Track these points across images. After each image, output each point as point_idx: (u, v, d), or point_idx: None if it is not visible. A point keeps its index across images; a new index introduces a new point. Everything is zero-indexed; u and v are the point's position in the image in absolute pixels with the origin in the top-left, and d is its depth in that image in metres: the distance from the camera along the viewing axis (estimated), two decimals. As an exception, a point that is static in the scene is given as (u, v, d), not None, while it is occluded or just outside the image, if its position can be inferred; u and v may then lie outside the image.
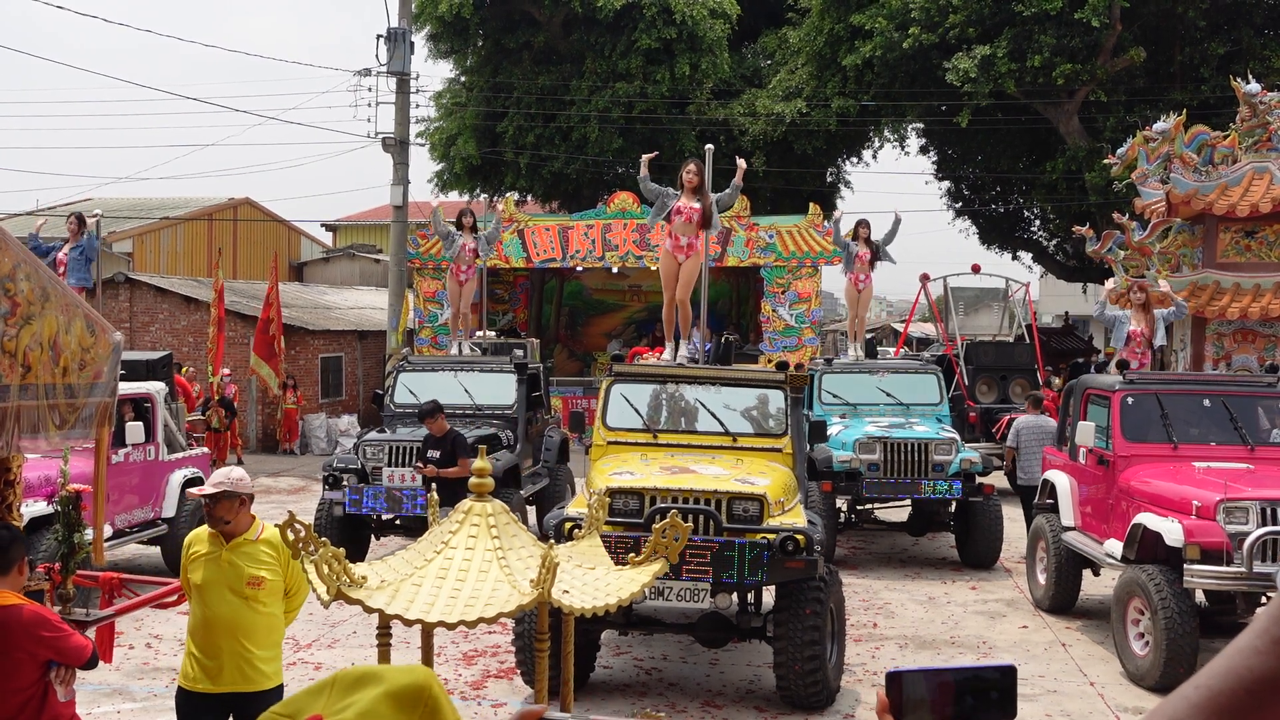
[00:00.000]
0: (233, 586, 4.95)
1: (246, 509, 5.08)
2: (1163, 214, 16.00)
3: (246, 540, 5.04)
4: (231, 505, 4.99)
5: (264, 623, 5.01)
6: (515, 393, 13.14)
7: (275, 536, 5.05)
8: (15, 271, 4.61)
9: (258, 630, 4.99)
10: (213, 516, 5.00)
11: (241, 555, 5.00)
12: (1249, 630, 1.02)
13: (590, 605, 3.37)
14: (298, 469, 20.44)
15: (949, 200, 31.33)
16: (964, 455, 12.47)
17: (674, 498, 7.46)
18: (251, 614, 4.96)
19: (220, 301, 20.40)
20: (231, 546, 5.01)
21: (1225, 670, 1.01)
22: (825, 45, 25.33)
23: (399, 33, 23.08)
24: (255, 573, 4.98)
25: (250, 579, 4.96)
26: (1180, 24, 23.32)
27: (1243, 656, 1.01)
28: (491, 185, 28.25)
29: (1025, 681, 8.50)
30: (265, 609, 5.01)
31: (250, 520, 5.09)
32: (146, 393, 11.41)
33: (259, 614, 4.98)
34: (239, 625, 4.95)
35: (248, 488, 5.07)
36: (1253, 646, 1.01)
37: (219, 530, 5.03)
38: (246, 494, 5.06)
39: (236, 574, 4.96)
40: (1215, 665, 1.02)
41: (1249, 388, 10.04)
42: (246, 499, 5.06)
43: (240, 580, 4.95)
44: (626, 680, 8.38)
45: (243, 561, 4.99)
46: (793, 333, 22.68)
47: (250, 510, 5.12)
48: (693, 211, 9.90)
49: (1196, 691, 1.01)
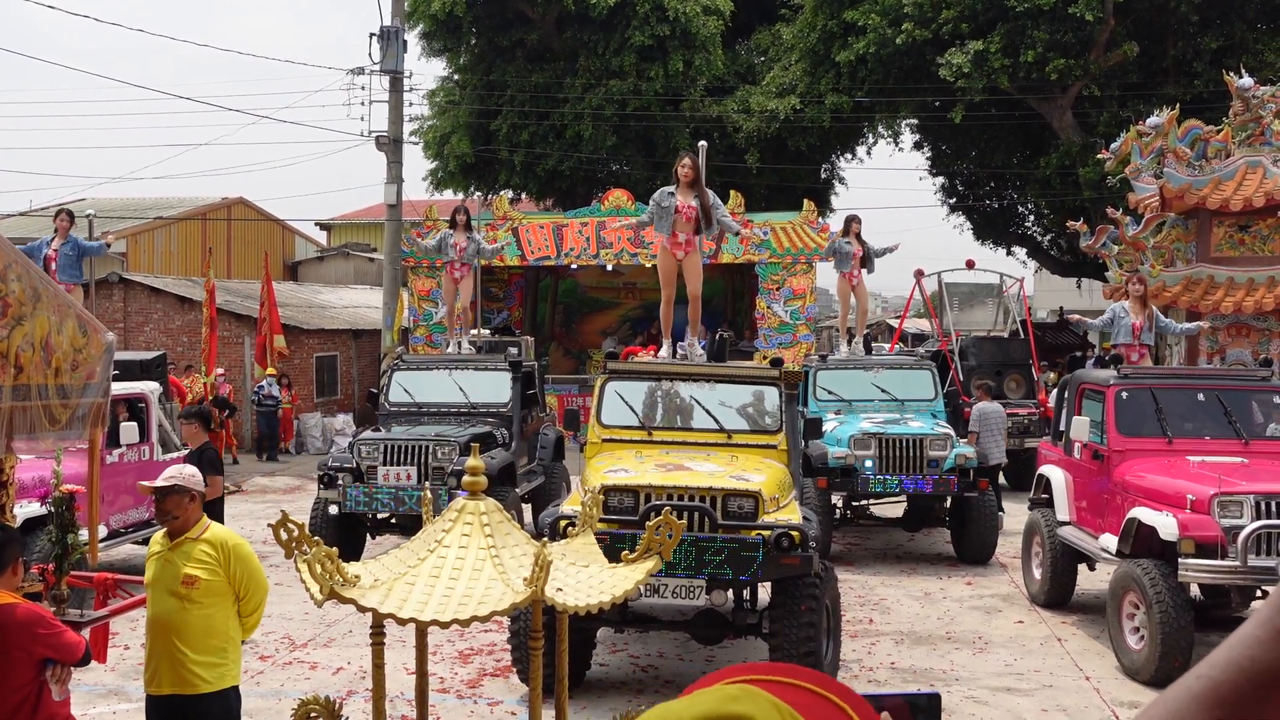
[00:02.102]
0: (169, 586, 4.91)
1: (196, 506, 5.02)
2: (1156, 209, 16.01)
3: (188, 539, 4.98)
4: (180, 501, 4.95)
5: (198, 624, 4.90)
6: (510, 391, 13.14)
7: (221, 538, 5.03)
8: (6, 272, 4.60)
9: (191, 631, 4.89)
10: (161, 510, 4.98)
11: (180, 554, 4.95)
12: (1251, 620, 1.01)
13: (584, 603, 3.37)
14: (292, 468, 20.42)
15: (943, 196, 31.35)
16: (959, 451, 12.48)
17: (669, 495, 7.46)
18: (184, 614, 4.88)
19: (212, 301, 20.36)
20: (174, 545, 4.98)
21: (1227, 661, 1.00)
22: (819, 41, 25.33)
23: (392, 31, 23.04)
24: (189, 571, 4.89)
25: (184, 578, 4.88)
26: (1173, 18, 23.33)
27: (1244, 647, 0.99)
28: (485, 183, 28.22)
29: (1021, 676, 8.52)
30: (200, 610, 4.90)
31: (198, 519, 5.03)
32: (140, 393, 11.40)
33: (192, 614, 4.89)
34: (171, 625, 4.89)
35: (198, 485, 5.04)
36: (1255, 637, 0.99)
37: (167, 526, 5.01)
38: (196, 490, 5.01)
39: (173, 573, 4.91)
40: (1216, 656, 1.01)
41: (1243, 382, 10.06)
42: (196, 496, 5.01)
43: (176, 579, 4.90)
44: (622, 678, 8.38)
45: (180, 560, 4.93)
46: (788, 329, 22.69)
47: (200, 509, 5.07)
48: (690, 210, 9.88)
49: (1198, 682, 1.00)
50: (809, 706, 1.08)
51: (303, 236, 38.66)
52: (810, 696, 1.11)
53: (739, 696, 1.05)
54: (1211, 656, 1.02)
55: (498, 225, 22.78)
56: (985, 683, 8.35)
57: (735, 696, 1.05)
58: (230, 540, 5.05)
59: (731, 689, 1.07)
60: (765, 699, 1.05)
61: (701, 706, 1.04)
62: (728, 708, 1.03)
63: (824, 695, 1.11)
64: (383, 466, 11.66)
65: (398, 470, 11.62)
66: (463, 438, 11.83)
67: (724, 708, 1.03)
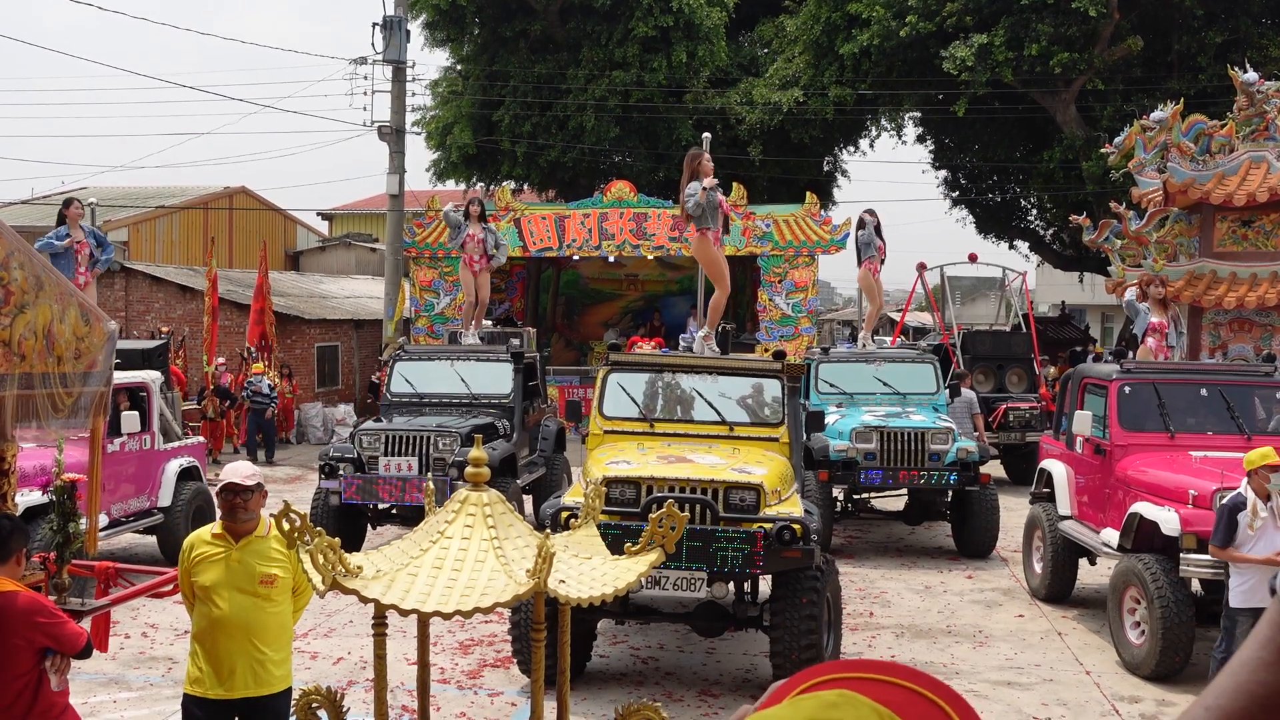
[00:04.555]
0: (243, 586, 4.80)
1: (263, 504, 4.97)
2: (1160, 203, 15.99)
3: (257, 538, 4.88)
4: (261, 500, 4.89)
5: (275, 622, 4.88)
6: (512, 382, 13.13)
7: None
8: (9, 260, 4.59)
9: (270, 630, 4.85)
10: (244, 510, 4.84)
11: (251, 553, 4.85)
12: (1253, 643, 0.98)
13: (587, 595, 3.36)
14: (294, 458, 20.42)
15: (946, 189, 31.29)
16: (960, 444, 12.47)
17: (670, 487, 7.46)
18: (263, 614, 4.82)
19: (214, 290, 20.36)
20: (241, 545, 4.86)
21: (1235, 688, 0.96)
22: (822, 34, 25.27)
23: (395, 21, 23.02)
24: (268, 570, 4.83)
25: (263, 577, 4.81)
26: (1178, 13, 23.27)
27: (1250, 671, 0.96)
28: (488, 174, 28.18)
29: (1021, 671, 8.52)
30: (276, 608, 4.87)
31: (260, 517, 4.94)
32: (142, 382, 11.39)
33: (270, 614, 4.85)
34: (251, 626, 4.80)
35: (263, 481, 4.99)
36: (1261, 660, 0.96)
37: (241, 528, 4.87)
38: (265, 489, 4.97)
39: (248, 573, 4.81)
40: (1223, 683, 0.98)
41: (1245, 377, 10.05)
42: (265, 494, 4.96)
43: (252, 579, 4.80)
44: (623, 669, 8.39)
45: (254, 560, 4.83)
46: (789, 322, 22.66)
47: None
48: (722, 200, 9.86)
49: (1207, 714, 0.97)
50: (906, 705, 1.05)
51: (304, 226, 38.64)
52: (906, 694, 1.07)
53: (839, 704, 1.02)
54: (1217, 685, 0.99)
55: (500, 216, 22.74)
56: (986, 676, 8.35)
57: (835, 704, 1.02)
58: None
59: (830, 695, 1.04)
60: (866, 705, 1.02)
61: (802, 714, 1.02)
62: (829, 715, 1.01)
63: (920, 692, 1.08)
64: (384, 457, 11.66)
65: (399, 461, 11.62)
66: (464, 429, 11.83)
67: (825, 715, 1.01)
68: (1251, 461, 7.39)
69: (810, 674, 1.12)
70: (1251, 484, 7.38)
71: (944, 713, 1.07)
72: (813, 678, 1.11)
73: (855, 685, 1.07)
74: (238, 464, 5.00)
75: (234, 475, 4.85)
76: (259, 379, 20.07)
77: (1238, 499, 7.36)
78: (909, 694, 1.07)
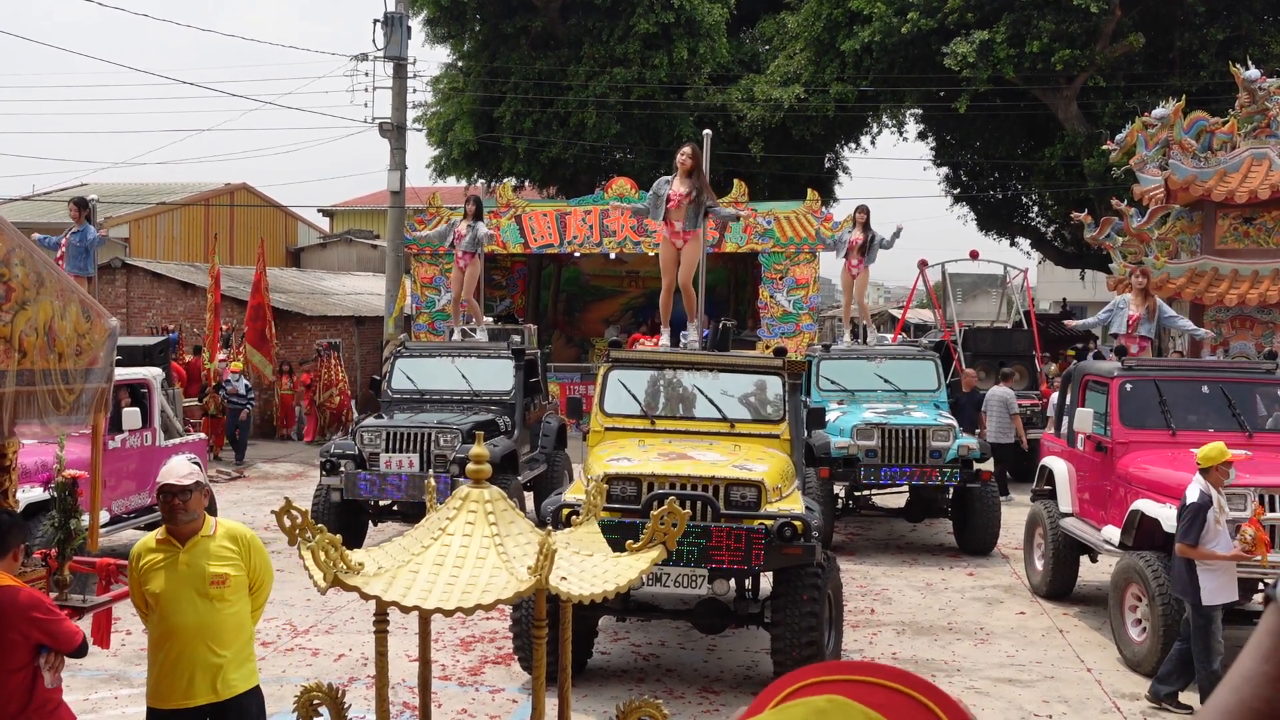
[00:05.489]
0: (196, 589, 4.59)
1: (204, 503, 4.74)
2: (1161, 200, 15.98)
3: (204, 538, 4.67)
4: (202, 499, 4.68)
5: (232, 623, 4.68)
6: (513, 379, 13.13)
7: (236, 531, 4.79)
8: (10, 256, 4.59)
9: (226, 631, 4.66)
10: (185, 510, 4.62)
11: (200, 554, 4.64)
12: (1255, 655, 0.95)
13: (588, 592, 3.36)
14: (295, 454, 20.43)
15: (947, 186, 31.27)
16: (961, 441, 12.47)
17: (671, 484, 7.46)
18: (218, 615, 4.62)
19: (216, 287, 20.35)
20: (188, 547, 4.65)
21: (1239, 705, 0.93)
22: (823, 30, 25.25)
23: (396, 17, 23.00)
24: (218, 570, 4.63)
25: (214, 578, 4.61)
26: (1179, 10, 23.24)
27: (1254, 687, 0.93)
28: (489, 171, 28.17)
29: (1022, 668, 8.52)
30: (232, 608, 4.67)
31: (203, 516, 4.73)
32: (143, 378, 11.40)
33: (225, 615, 4.65)
34: (207, 629, 4.61)
35: (204, 477, 4.78)
36: (1265, 674, 0.93)
37: (183, 529, 4.67)
38: (207, 485, 4.77)
39: (198, 575, 4.60)
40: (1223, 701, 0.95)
41: (1247, 374, 10.04)
42: (208, 491, 4.75)
43: (203, 581, 4.60)
44: (624, 666, 8.39)
45: (203, 560, 4.63)
46: (790, 319, 22.65)
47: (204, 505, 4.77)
48: (679, 197, 9.87)
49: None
50: (894, 707, 1.04)
51: (305, 223, 38.63)
52: (895, 696, 1.06)
53: (828, 709, 1.01)
54: (1217, 702, 0.96)
55: (501, 213, 22.73)
56: (987, 674, 8.35)
57: (824, 709, 1.02)
58: (245, 532, 4.82)
59: (819, 701, 1.03)
60: (857, 710, 1.01)
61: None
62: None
63: (909, 694, 1.07)
64: (385, 454, 11.66)
65: (400, 458, 11.62)
66: (465, 425, 11.83)
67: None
68: (1208, 458, 7.43)
69: (797, 677, 1.11)
70: (1209, 479, 7.42)
71: (934, 715, 1.06)
72: (799, 681, 1.10)
73: (843, 688, 1.06)
74: (173, 462, 4.78)
75: (169, 475, 4.63)
76: (236, 378, 19.51)
77: (1204, 498, 7.37)
78: (898, 696, 1.07)
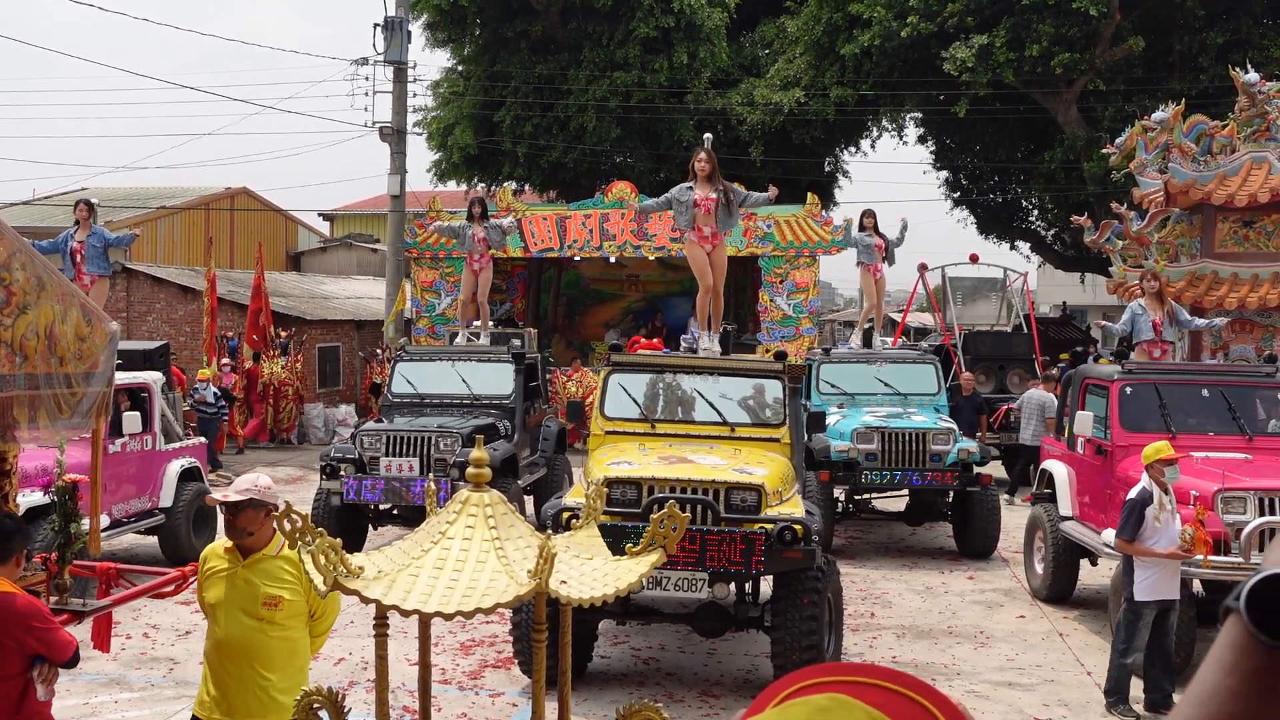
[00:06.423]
0: (246, 607, 4.49)
1: (271, 521, 4.47)
2: (1161, 204, 15.98)
3: (265, 556, 4.56)
4: (256, 516, 4.50)
5: (282, 647, 4.54)
6: (513, 383, 13.14)
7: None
8: (11, 260, 4.60)
9: (276, 656, 4.52)
10: (234, 527, 4.52)
11: (258, 573, 4.53)
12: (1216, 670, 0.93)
13: (588, 595, 3.36)
14: (295, 459, 20.42)
15: (947, 190, 31.28)
16: (961, 445, 12.47)
17: (672, 488, 7.46)
18: (266, 638, 4.50)
19: (213, 291, 20.35)
20: (249, 563, 4.55)
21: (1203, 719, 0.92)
22: (823, 34, 25.27)
23: (396, 21, 23.05)
24: (272, 591, 4.50)
25: (266, 599, 4.49)
26: (1179, 13, 23.26)
27: (1219, 703, 0.91)
28: (489, 175, 28.18)
29: (1023, 671, 8.52)
30: (283, 632, 4.54)
31: (271, 534, 4.55)
32: (143, 383, 11.41)
33: (275, 638, 4.52)
34: (253, 650, 4.49)
35: (274, 498, 4.51)
36: (1226, 688, 0.91)
37: (238, 543, 4.57)
38: (272, 504, 4.47)
39: (251, 593, 4.50)
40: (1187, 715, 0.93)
41: (1247, 378, 10.05)
42: (272, 509, 4.46)
43: (255, 600, 4.49)
44: (624, 670, 8.39)
45: (259, 579, 4.52)
46: (790, 323, 22.66)
47: (273, 525, 4.47)
48: (709, 202, 9.89)
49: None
50: (895, 709, 1.04)
51: (306, 227, 38.65)
52: (894, 698, 1.06)
53: (831, 708, 1.01)
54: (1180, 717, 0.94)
55: (501, 217, 22.74)
56: (987, 677, 8.35)
57: (827, 708, 1.01)
58: None
59: (820, 699, 1.03)
60: (859, 709, 1.01)
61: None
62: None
63: (907, 695, 1.07)
64: (385, 458, 11.66)
65: (400, 461, 11.63)
66: (465, 429, 11.83)
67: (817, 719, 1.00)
68: (1148, 456, 7.51)
69: (797, 678, 1.11)
70: (1150, 476, 7.47)
71: (934, 717, 1.06)
72: (800, 681, 1.10)
73: (844, 689, 1.06)
74: (243, 476, 4.69)
75: (230, 488, 4.57)
76: (204, 386, 18.47)
77: (1144, 494, 7.46)
78: (898, 698, 1.07)
